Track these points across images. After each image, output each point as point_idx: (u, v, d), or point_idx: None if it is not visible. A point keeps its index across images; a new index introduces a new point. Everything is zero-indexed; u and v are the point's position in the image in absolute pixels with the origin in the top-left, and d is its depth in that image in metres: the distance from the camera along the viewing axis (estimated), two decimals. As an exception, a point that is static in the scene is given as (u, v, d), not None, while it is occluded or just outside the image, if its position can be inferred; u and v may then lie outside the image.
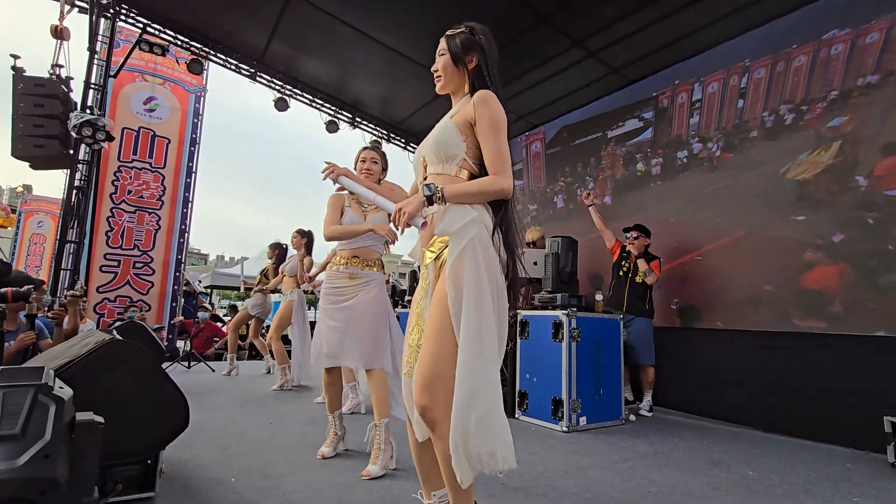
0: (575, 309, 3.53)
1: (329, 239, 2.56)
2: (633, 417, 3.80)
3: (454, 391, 1.24)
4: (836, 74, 3.54)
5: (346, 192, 2.45)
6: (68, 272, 5.37)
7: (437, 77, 1.58)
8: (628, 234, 4.23)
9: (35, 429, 1.13)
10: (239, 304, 7.73)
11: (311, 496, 1.97)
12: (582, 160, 5.64)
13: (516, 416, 3.69)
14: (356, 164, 2.59)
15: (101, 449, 1.31)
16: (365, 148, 2.65)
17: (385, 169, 2.64)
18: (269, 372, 5.84)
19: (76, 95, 5.05)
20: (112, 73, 5.88)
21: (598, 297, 4.01)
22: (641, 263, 4.05)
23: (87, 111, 4.98)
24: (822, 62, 3.63)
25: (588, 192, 4.70)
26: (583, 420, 3.37)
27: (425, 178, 1.52)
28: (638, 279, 4.11)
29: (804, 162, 3.63)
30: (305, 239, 5.07)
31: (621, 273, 4.29)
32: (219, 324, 8.86)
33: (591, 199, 4.57)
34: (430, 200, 1.38)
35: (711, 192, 4.25)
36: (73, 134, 4.72)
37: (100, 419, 1.28)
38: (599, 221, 4.54)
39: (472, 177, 1.47)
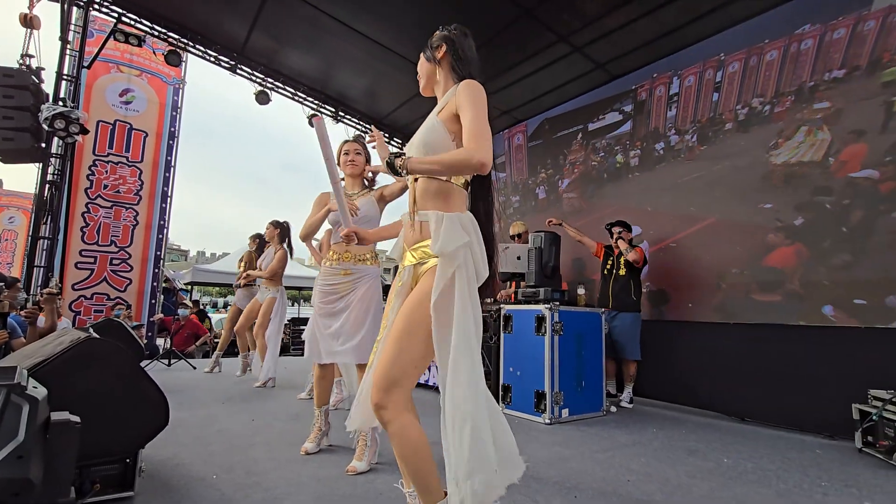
0: (557, 303, 3.58)
1: (302, 238, 2.56)
2: (613, 409, 3.87)
3: (453, 426, 1.24)
4: (806, 69, 3.65)
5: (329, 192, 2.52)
6: (42, 269, 5.23)
7: (419, 79, 1.64)
8: (613, 229, 4.28)
9: (8, 429, 1.11)
10: (230, 298, 7.62)
11: (294, 491, 1.97)
12: (563, 152, 5.70)
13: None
14: (339, 157, 2.58)
15: (77, 449, 1.29)
16: (346, 141, 2.63)
17: (368, 160, 2.63)
18: (244, 372, 5.70)
19: (48, 87, 4.90)
20: (86, 64, 5.71)
21: (581, 291, 4.07)
22: (622, 244, 4.11)
23: (60, 103, 4.83)
24: (792, 57, 3.75)
25: (549, 220, 4.74)
26: (565, 412, 3.43)
27: (416, 180, 1.48)
28: (621, 272, 4.17)
29: (773, 152, 3.75)
30: (279, 230, 4.99)
31: (606, 271, 4.36)
32: (201, 321, 8.72)
33: (554, 222, 4.67)
34: (392, 168, 1.38)
35: (686, 182, 4.37)
36: (45, 126, 4.58)
37: (76, 419, 1.26)
38: (574, 233, 4.64)
39: (466, 185, 1.47)
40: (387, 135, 7.65)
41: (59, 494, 1.16)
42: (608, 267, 4.35)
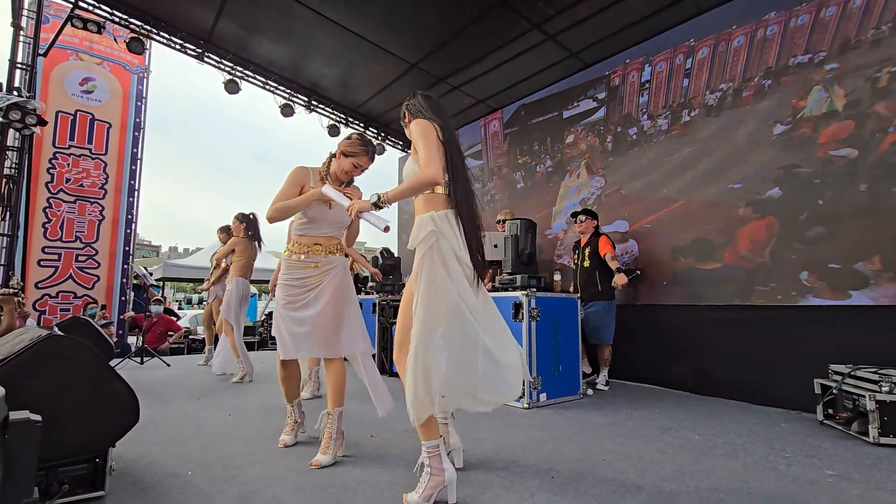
0: (534, 289, 3.61)
1: (271, 219, 2.30)
2: (590, 392, 3.96)
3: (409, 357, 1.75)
4: (771, 54, 3.76)
5: (312, 168, 2.45)
6: (1, 267, 5.01)
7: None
8: (576, 220, 4.37)
9: (-39, 430, 1.06)
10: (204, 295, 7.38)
11: (272, 484, 1.95)
12: (539, 139, 5.73)
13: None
14: (349, 157, 2.38)
15: (41, 448, 1.25)
16: (368, 154, 2.43)
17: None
18: (206, 363, 5.62)
19: (1, 76, 4.66)
20: (41, 52, 5.44)
21: (557, 277, 4.12)
22: (613, 264, 4.01)
23: (14, 93, 4.60)
24: (758, 43, 3.84)
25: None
26: (543, 397, 3.48)
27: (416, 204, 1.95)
28: (586, 264, 4.24)
29: (743, 134, 3.86)
30: (245, 224, 4.78)
31: (573, 265, 4.46)
32: (173, 318, 8.52)
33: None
34: (377, 206, 1.86)
35: (658, 166, 4.47)
36: (0, 118, 4.36)
37: (36, 417, 1.21)
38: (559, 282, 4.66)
39: (448, 192, 1.87)
40: (361, 124, 7.55)
41: (21, 495, 1.12)
42: (574, 259, 4.43)
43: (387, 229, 1.94)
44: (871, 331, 3.09)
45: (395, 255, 6.68)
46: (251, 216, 4.86)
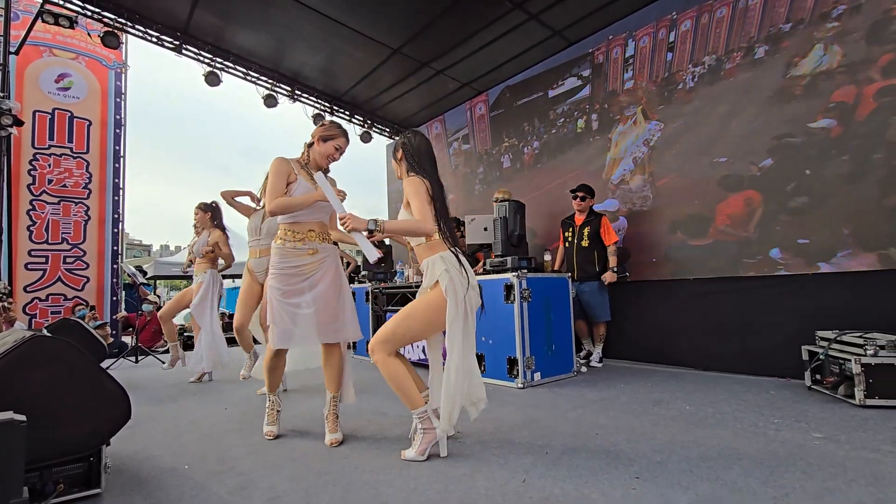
0: (525, 270, 3.62)
1: (275, 213, 2.30)
2: (584, 369, 4.00)
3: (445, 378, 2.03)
4: (753, 23, 3.73)
5: (291, 159, 2.43)
6: (-13, 272, 4.94)
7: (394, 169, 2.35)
8: (575, 196, 4.31)
9: (-56, 433, 1.06)
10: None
11: (269, 473, 1.97)
12: (526, 120, 5.69)
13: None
14: (327, 140, 2.40)
15: (32, 449, 1.25)
16: (346, 136, 2.47)
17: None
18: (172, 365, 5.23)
19: (-29, 76, 4.53)
20: (13, 50, 5.30)
21: (547, 257, 4.13)
22: (612, 259, 4.10)
23: (-13, 93, 4.49)
24: (740, 12, 3.82)
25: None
26: (537, 376, 3.52)
27: (410, 249, 2.31)
28: (584, 244, 4.21)
29: (726, 107, 3.85)
30: (210, 214, 4.56)
31: (567, 244, 4.40)
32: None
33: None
34: (371, 234, 2.09)
35: (645, 143, 4.44)
36: (-27, 119, 4.26)
37: (21, 417, 1.21)
38: (556, 260, 4.54)
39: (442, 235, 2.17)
40: (346, 112, 7.46)
41: (10, 495, 1.12)
42: (569, 238, 4.38)
43: (376, 262, 2.15)
44: (855, 296, 3.14)
45: (387, 243, 6.66)
46: (213, 204, 4.59)
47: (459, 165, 6.71)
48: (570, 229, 4.38)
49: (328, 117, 7.27)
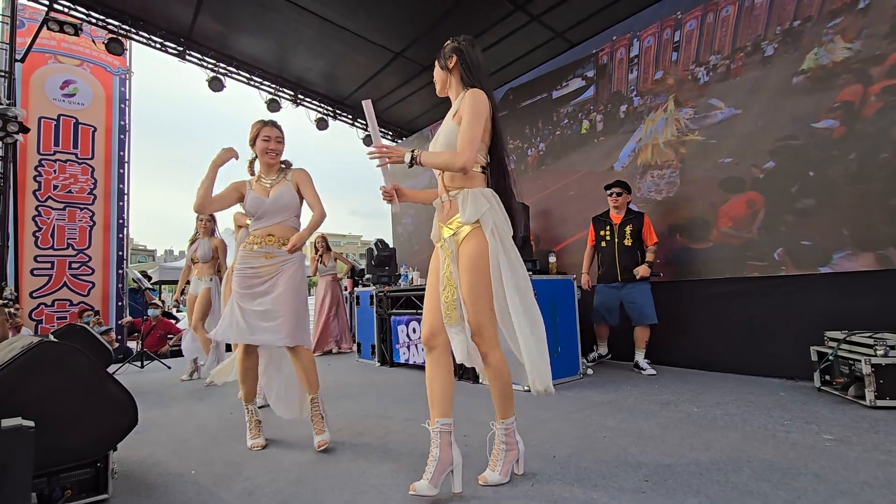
0: (530, 272, 3.61)
1: (197, 208, 2.35)
2: (590, 371, 3.98)
3: (520, 337, 1.70)
4: (761, 21, 3.71)
5: (248, 179, 2.52)
6: (-6, 278, 4.97)
7: (435, 83, 1.97)
8: (610, 192, 4.06)
9: (-47, 439, 1.06)
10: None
11: (275, 478, 1.96)
12: (529, 122, 5.68)
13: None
14: (256, 140, 2.44)
15: (39, 455, 1.25)
16: (267, 124, 2.46)
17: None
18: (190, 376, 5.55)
19: (-22, 84, 4.58)
20: (18, 58, 5.35)
21: (552, 259, 4.11)
22: (650, 255, 3.92)
23: (-6, 101, 4.53)
24: (747, 11, 3.79)
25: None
26: (543, 378, 3.49)
27: (441, 173, 1.87)
28: (627, 242, 3.95)
29: (732, 107, 3.83)
30: (214, 222, 4.77)
31: (604, 243, 4.08)
32: (172, 320, 8.49)
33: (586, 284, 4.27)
34: (411, 164, 1.77)
35: (650, 144, 4.41)
36: (-20, 126, 4.30)
37: (29, 423, 1.21)
38: (586, 261, 4.34)
39: (483, 168, 1.84)
40: (349, 116, 7.48)
41: (18, 500, 1.12)
42: (606, 237, 4.06)
43: (390, 200, 1.92)
44: (861, 295, 3.11)
45: (391, 245, 6.66)
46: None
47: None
48: (608, 227, 4.07)
49: (331, 121, 7.30)
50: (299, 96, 6.85)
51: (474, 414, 2.79)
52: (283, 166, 2.53)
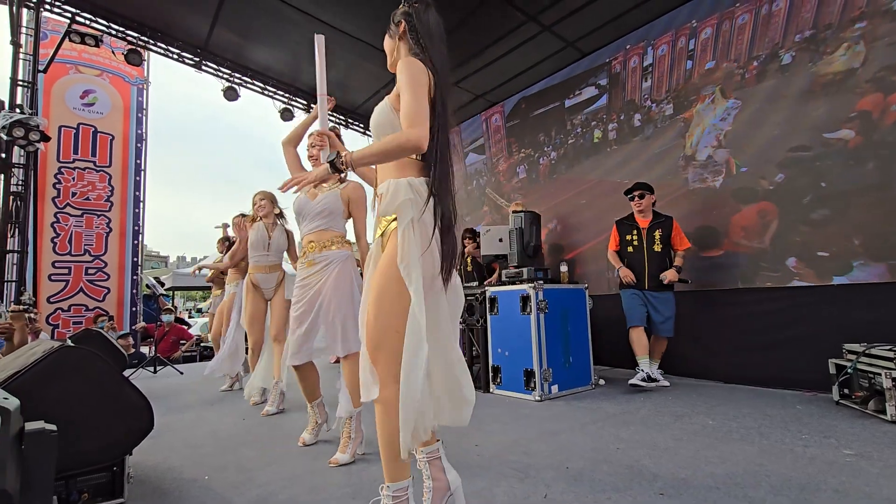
0: (541, 281, 3.60)
1: (283, 140, 2.51)
2: (602, 382, 3.94)
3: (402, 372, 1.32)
4: (778, 30, 3.68)
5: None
6: (13, 284, 5.07)
7: (388, 57, 1.66)
8: (632, 196, 3.84)
9: (-21, 442, 1.08)
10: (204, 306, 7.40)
11: (288, 485, 1.96)
12: (543, 130, 5.69)
13: (490, 389, 3.76)
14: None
15: (59, 458, 1.26)
16: (313, 134, 2.58)
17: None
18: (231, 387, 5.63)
19: (2, 94, 4.70)
20: (41, 69, 5.49)
21: (564, 268, 4.10)
22: (679, 260, 3.70)
23: (17, 110, 4.65)
24: (764, 19, 3.76)
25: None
26: (554, 388, 3.48)
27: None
28: (657, 248, 3.70)
29: (748, 115, 3.80)
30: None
31: (631, 248, 3.81)
32: (184, 326, 8.58)
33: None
34: (333, 167, 1.43)
35: (663, 153, 4.39)
36: (3, 136, 4.41)
37: (52, 427, 1.23)
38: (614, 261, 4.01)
39: (422, 157, 1.48)
40: (361, 125, 7.56)
41: (40, 503, 1.14)
42: (632, 241, 3.81)
43: (320, 133, 1.82)
44: (880, 307, 3.05)
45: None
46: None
47: (475, 176, 6.73)
48: (634, 232, 3.81)
49: (343, 130, 7.38)
50: (312, 105, 6.94)
51: (485, 423, 2.78)
52: (340, 180, 2.57)
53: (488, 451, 2.28)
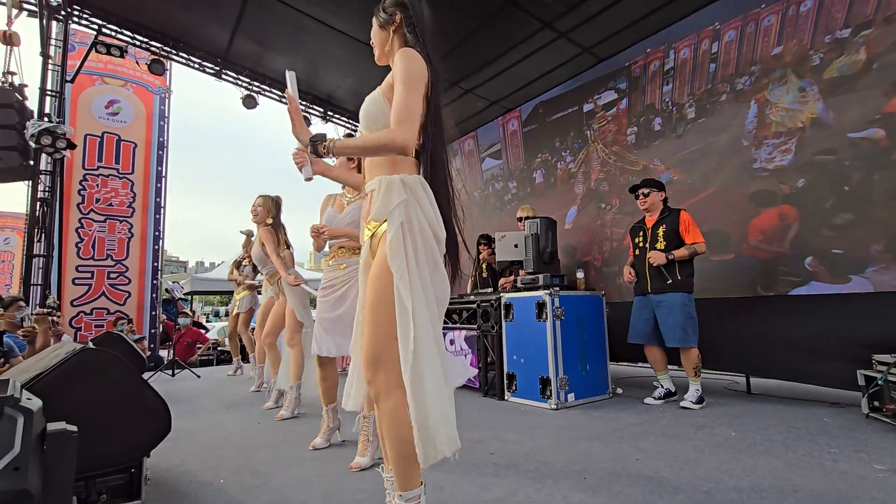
0: (557, 288, 3.56)
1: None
2: (619, 390, 3.87)
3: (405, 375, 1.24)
4: (806, 31, 3.57)
5: (336, 194, 2.70)
6: (39, 287, 5.21)
7: (373, 48, 1.59)
8: (637, 194, 3.66)
9: (3, 442, 1.09)
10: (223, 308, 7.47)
11: (301, 490, 1.96)
12: (559, 135, 5.64)
13: (505, 397, 3.72)
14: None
15: (79, 459, 1.28)
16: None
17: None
18: (235, 374, 5.80)
19: (32, 103, 4.85)
20: (69, 79, 5.67)
21: (580, 275, 4.05)
22: (684, 251, 3.38)
23: (45, 119, 4.79)
24: (791, 20, 3.66)
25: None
26: (571, 397, 3.42)
27: (363, 160, 1.57)
28: (659, 246, 3.47)
29: (771, 118, 3.71)
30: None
31: (638, 251, 3.64)
32: (202, 330, 8.71)
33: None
34: (315, 151, 1.41)
35: (685, 156, 4.30)
36: (32, 144, 4.54)
37: (73, 428, 1.24)
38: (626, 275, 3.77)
39: (417, 154, 1.44)
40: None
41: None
42: (640, 244, 3.62)
43: (308, 179, 1.59)
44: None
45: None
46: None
47: (491, 181, 6.71)
48: (641, 234, 3.63)
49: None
50: (328, 113, 7.03)
51: (500, 431, 2.74)
52: None
53: (504, 459, 2.25)
